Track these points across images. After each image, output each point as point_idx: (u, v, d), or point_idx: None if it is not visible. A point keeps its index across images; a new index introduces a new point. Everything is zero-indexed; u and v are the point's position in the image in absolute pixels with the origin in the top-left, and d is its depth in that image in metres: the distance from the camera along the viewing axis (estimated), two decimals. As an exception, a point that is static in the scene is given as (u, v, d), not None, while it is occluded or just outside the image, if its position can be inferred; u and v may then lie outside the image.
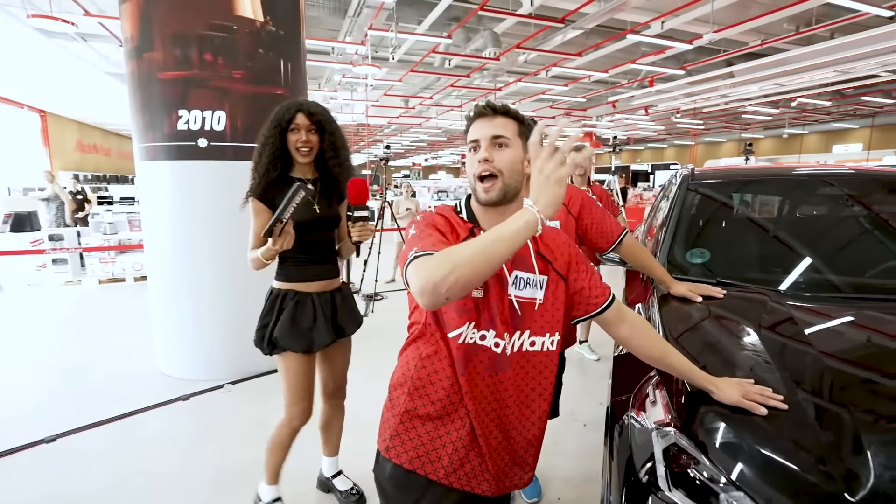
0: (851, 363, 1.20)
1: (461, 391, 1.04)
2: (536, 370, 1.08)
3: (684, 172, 2.43)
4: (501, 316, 1.03)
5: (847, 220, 2.05)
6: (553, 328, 1.08)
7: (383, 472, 1.10)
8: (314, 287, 1.79)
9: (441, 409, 1.05)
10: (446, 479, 1.05)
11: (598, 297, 1.10)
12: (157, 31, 3.08)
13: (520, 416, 1.08)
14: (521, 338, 1.06)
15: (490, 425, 1.05)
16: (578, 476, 2.29)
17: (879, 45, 7.94)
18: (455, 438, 1.05)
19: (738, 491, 0.90)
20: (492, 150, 1.01)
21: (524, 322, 1.05)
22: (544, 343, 1.07)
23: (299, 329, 1.75)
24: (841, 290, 1.64)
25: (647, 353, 1.12)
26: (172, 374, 3.44)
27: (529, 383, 1.08)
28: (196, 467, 2.35)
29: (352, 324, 1.90)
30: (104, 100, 12.84)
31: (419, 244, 0.96)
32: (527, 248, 1.06)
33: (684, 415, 1.09)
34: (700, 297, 1.56)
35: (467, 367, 1.03)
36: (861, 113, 18.37)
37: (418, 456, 1.06)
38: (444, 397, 1.04)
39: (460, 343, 1.02)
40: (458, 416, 1.05)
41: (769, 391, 1.04)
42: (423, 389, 1.06)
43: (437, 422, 1.06)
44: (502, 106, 1.04)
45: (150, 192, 3.38)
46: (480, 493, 1.08)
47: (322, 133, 1.72)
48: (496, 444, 1.07)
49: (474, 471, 1.06)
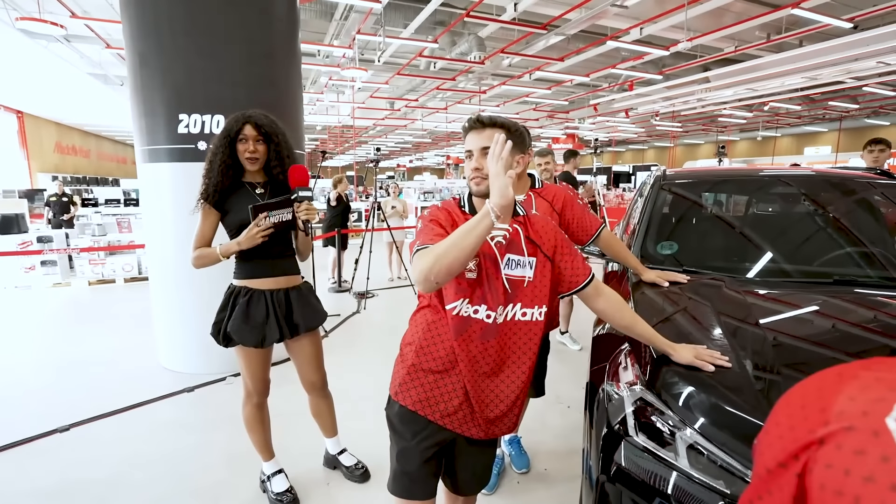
0: (785, 334, 1.43)
1: (456, 353, 1.26)
2: (527, 336, 1.30)
3: (657, 173, 2.67)
4: (495, 292, 1.25)
5: (798, 215, 2.31)
6: (541, 301, 1.29)
7: (393, 410, 1.34)
8: (267, 284, 1.89)
9: (440, 365, 1.28)
10: (441, 421, 1.30)
11: (579, 275, 1.32)
12: (160, 36, 3.21)
13: (509, 374, 1.30)
14: (513, 309, 1.27)
15: (480, 383, 1.27)
16: (563, 450, 2.51)
17: (843, 54, 8.41)
18: (450, 391, 1.28)
19: (689, 428, 1.12)
20: (482, 159, 1.23)
21: (516, 297, 1.27)
22: (533, 314, 1.29)
23: (252, 324, 1.85)
24: (789, 276, 1.88)
25: (619, 323, 1.35)
26: (175, 368, 3.56)
27: (521, 347, 1.30)
28: (209, 450, 2.50)
29: (308, 320, 1.95)
30: (84, 101, 12.67)
31: (420, 239, 1.21)
32: (518, 235, 1.29)
33: (649, 375, 1.31)
34: (667, 282, 1.79)
35: (461, 334, 1.25)
36: (830, 117, 19.17)
37: (419, 400, 1.29)
38: (443, 356, 1.28)
39: (455, 314, 1.24)
40: (455, 372, 1.28)
41: (718, 354, 1.26)
42: (428, 349, 1.29)
43: (437, 375, 1.29)
44: (489, 119, 1.25)
45: (151, 193, 3.50)
46: (470, 436, 1.32)
47: (269, 142, 1.84)
48: (485, 398, 1.28)
49: (465, 418, 1.30)
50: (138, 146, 3.48)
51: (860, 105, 16.03)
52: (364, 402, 2.97)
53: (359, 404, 2.93)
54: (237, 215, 1.83)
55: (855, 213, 2.17)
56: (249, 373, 1.94)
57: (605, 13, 6.96)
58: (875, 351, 1.32)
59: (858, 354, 1.29)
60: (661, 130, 22.77)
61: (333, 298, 5.82)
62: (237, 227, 1.84)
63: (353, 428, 2.51)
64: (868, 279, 1.81)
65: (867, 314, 1.53)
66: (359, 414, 2.80)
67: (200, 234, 1.85)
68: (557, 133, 20.67)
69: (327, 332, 4.36)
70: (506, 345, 1.28)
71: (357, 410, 2.84)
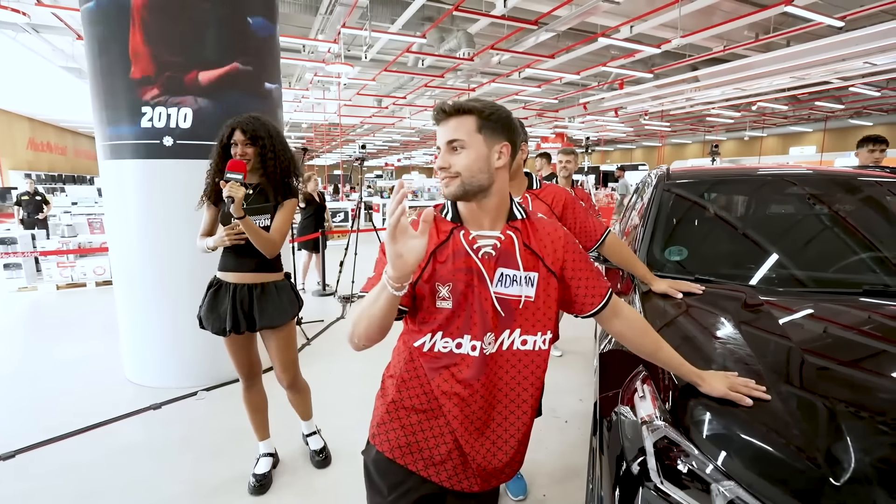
0: (826, 356, 1.25)
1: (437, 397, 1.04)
2: (528, 370, 1.06)
3: (659, 173, 2.49)
4: (482, 317, 1.00)
5: (819, 218, 2.09)
6: (545, 326, 1.06)
7: (370, 455, 1.14)
8: (231, 277, 2.04)
9: (426, 402, 1.05)
10: (425, 472, 1.06)
11: (594, 296, 1.09)
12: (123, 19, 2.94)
13: (508, 416, 1.06)
14: (510, 336, 1.03)
15: (471, 427, 1.03)
16: (562, 472, 2.32)
17: (830, 54, 8.42)
18: (437, 434, 1.05)
19: (729, 480, 0.93)
20: (448, 155, 0.99)
21: (514, 321, 1.03)
22: (536, 342, 1.05)
23: (216, 314, 2.02)
24: (815, 286, 1.70)
25: (641, 350, 1.14)
26: (141, 382, 3.29)
27: (521, 383, 1.06)
28: (170, 479, 2.25)
29: (265, 318, 2.03)
30: (59, 95, 12.17)
31: (368, 279, 1.04)
32: (512, 244, 1.04)
33: (672, 408, 1.12)
34: (680, 293, 1.61)
35: (439, 372, 1.02)
36: (815, 117, 19.38)
37: (399, 446, 1.07)
38: (428, 391, 1.05)
39: (425, 351, 1.03)
40: (442, 412, 1.04)
41: (753, 383, 1.07)
42: (410, 382, 1.07)
43: (422, 415, 1.06)
44: (452, 106, 0.98)
45: (114, 192, 3.23)
46: (461, 490, 1.08)
47: (256, 144, 1.98)
48: (479, 447, 1.05)
49: (455, 469, 1.06)
50: (99, 142, 3.20)
51: (845, 105, 16.20)
52: (351, 417, 2.74)
53: (346, 416, 2.70)
54: (226, 213, 2.00)
55: (891, 217, 1.99)
56: (231, 359, 2.13)
57: (595, 10, 6.82)
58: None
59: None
60: (649, 130, 22.84)
61: (318, 302, 5.57)
62: (225, 224, 2.02)
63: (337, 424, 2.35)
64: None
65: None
66: (344, 436, 2.58)
67: (203, 226, 2.08)
68: (547, 132, 20.59)
69: (309, 339, 4.13)
70: (502, 380, 1.05)
71: (344, 425, 2.61)
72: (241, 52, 3.12)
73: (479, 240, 1.03)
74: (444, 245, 1.03)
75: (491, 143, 0.99)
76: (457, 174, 0.98)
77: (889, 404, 1.07)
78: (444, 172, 0.99)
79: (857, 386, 1.14)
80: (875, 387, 1.14)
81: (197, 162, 3.04)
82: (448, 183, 0.99)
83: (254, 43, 3.20)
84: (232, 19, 3.08)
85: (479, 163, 0.98)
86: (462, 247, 1.02)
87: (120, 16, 2.92)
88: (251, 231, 1.89)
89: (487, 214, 1.03)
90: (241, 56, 3.11)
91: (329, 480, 2.26)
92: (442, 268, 1.01)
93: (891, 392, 1.12)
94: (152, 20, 2.91)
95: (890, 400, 1.09)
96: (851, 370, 1.21)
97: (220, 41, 3.05)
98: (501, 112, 1.01)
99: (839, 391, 1.09)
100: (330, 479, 2.27)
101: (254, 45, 3.20)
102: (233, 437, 2.60)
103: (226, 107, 3.06)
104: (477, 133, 0.98)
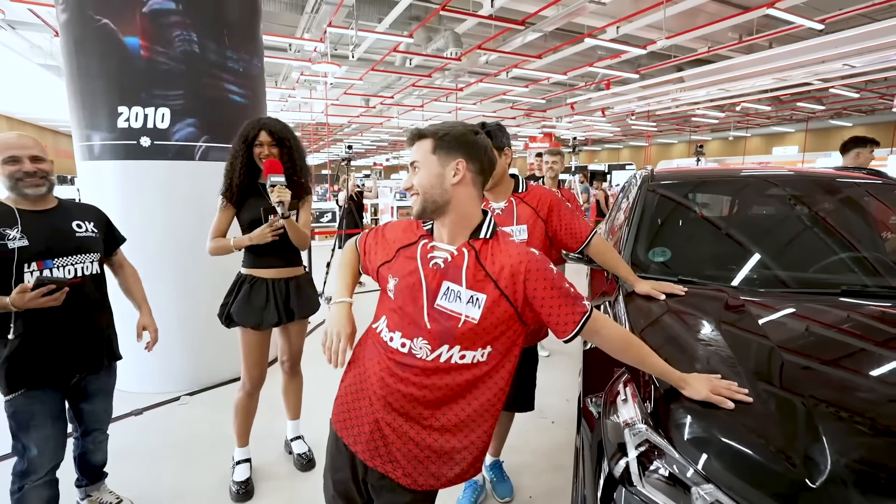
0: (805, 355, 1.27)
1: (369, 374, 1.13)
2: (464, 379, 1.09)
3: (644, 174, 2.51)
4: (417, 322, 1.08)
5: (802, 219, 2.09)
6: (486, 343, 1.08)
7: (331, 433, 1.24)
8: (269, 273, 2.08)
9: (362, 380, 1.14)
10: (354, 447, 1.13)
11: (567, 323, 1.07)
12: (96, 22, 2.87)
13: (440, 417, 1.10)
14: (449, 352, 1.07)
15: (394, 414, 1.09)
16: (549, 473, 2.32)
17: (811, 56, 8.58)
18: (364, 413, 1.13)
19: (708, 483, 0.93)
20: (411, 175, 1.12)
21: (454, 339, 1.06)
22: (475, 356, 1.09)
23: (252, 308, 2.04)
24: (795, 286, 1.71)
25: (626, 361, 1.15)
26: (123, 387, 3.20)
27: (453, 389, 1.09)
28: (153, 487, 2.21)
29: (303, 309, 2.15)
30: (37, 94, 11.90)
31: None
32: (462, 259, 1.08)
33: (654, 411, 1.12)
34: (663, 294, 1.61)
35: (376, 356, 1.13)
36: (797, 118, 19.75)
37: (340, 420, 1.18)
38: (363, 370, 1.14)
39: (377, 332, 1.16)
40: (370, 393, 1.12)
41: (735, 385, 1.08)
42: (357, 361, 1.17)
43: (358, 393, 1.14)
44: (413, 131, 1.13)
45: (93, 194, 3.16)
46: (395, 479, 1.10)
47: (281, 146, 2.02)
48: (402, 434, 1.09)
49: (378, 450, 1.10)
50: (76, 142, 3.13)
51: (825, 106, 16.53)
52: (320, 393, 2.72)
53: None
54: (249, 213, 2.04)
55: (870, 219, 2.02)
56: (248, 358, 2.11)
57: (581, 10, 6.86)
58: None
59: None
60: (636, 130, 23.06)
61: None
62: (248, 224, 2.05)
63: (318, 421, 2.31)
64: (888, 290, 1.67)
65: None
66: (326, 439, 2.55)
67: (217, 226, 2.05)
68: (535, 132, 20.67)
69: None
70: (435, 385, 1.08)
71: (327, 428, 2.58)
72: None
73: (435, 251, 1.12)
74: (410, 247, 1.16)
75: (445, 161, 1.08)
76: (418, 191, 1.10)
77: (866, 403, 1.09)
78: (410, 192, 1.12)
79: (836, 385, 1.16)
80: (853, 386, 1.16)
81: (175, 163, 2.99)
82: (414, 201, 1.11)
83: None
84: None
85: (433, 179, 1.08)
86: (417, 254, 1.13)
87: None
88: (292, 227, 1.98)
89: (446, 229, 1.12)
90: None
91: (313, 484, 2.22)
92: (399, 263, 1.15)
93: (868, 391, 1.14)
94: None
95: (867, 399, 1.11)
96: (830, 369, 1.22)
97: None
98: (455, 132, 1.10)
99: (818, 391, 1.10)
100: (313, 483, 2.23)
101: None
102: (216, 442, 2.56)
103: (211, 106, 3.00)
104: (431, 154, 1.09)
